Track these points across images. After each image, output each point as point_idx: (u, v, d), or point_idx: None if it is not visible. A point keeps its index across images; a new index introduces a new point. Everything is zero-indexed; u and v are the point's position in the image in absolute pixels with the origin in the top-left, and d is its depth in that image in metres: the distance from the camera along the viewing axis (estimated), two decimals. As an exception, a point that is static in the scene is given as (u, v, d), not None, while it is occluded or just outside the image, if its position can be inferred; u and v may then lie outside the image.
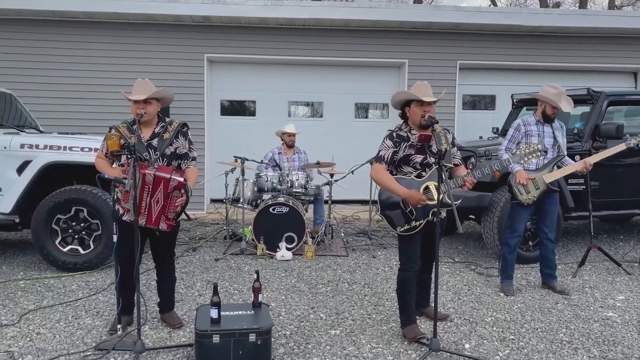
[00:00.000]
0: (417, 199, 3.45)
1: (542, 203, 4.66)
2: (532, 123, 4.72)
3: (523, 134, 4.71)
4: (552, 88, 4.63)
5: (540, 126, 4.69)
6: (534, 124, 4.71)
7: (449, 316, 4.12)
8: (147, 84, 3.61)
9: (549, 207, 4.71)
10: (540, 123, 4.70)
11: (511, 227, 4.76)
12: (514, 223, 4.73)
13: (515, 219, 4.72)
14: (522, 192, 4.59)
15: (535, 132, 4.68)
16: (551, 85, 4.67)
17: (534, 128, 4.69)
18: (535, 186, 4.58)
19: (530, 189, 4.57)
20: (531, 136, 4.67)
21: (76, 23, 8.71)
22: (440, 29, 9.20)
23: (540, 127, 4.69)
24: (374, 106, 10.00)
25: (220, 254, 5.99)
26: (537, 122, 4.71)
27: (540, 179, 4.57)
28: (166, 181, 3.43)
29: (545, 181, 4.56)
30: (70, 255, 5.14)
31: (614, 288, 4.93)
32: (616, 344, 3.66)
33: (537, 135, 4.66)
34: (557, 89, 4.61)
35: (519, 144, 4.66)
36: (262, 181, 6.47)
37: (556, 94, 4.57)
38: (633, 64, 9.67)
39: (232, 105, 9.74)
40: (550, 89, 4.62)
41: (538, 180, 4.57)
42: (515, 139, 4.75)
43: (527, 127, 4.71)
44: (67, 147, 5.13)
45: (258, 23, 8.93)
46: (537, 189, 4.58)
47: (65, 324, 3.88)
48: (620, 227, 7.79)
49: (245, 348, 3.16)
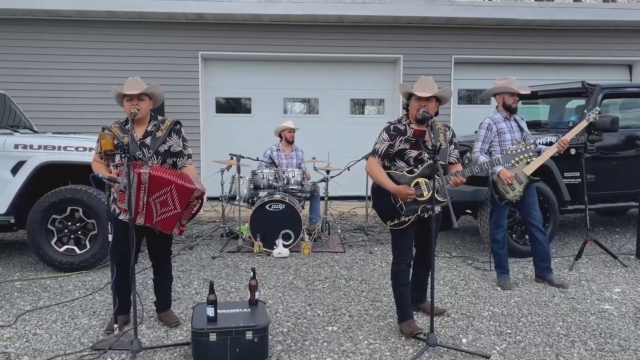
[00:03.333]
0: (405, 193, 3.46)
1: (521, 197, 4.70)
2: (500, 120, 4.72)
3: (495, 133, 4.70)
4: (501, 80, 4.72)
5: (508, 122, 4.72)
6: (502, 120, 4.72)
7: (446, 311, 4.12)
8: (139, 82, 3.60)
9: (528, 199, 4.73)
10: (507, 119, 4.72)
11: (496, 223, 4.78)
12: (499, 219, 4.77)
13: (499, 215, 4.76)
14: (508, 190, 4.62)
15: (507, 129, 4.69)
16: (500, 78, 4.77)
17: (503, 125, 4.70)
18: (519, 181, 4.61)
19: (515, 185, 4.60)
20: (504, 133, 4.68)
21: (69, 22, 8.68)
22: (435, 24, 9.20)
23: (508, 123, 4.71)
24: (370, 102, 10.00)
25: (217, 252, 5.98)
26: (504, 119, 4.72)
27: (521, 173, 4.60)
28: (190, 191, 3.44)
29: (526, 174, 4.59)
30: (66, 255, 5.12)
31: (611, 281, 4.94)
32: (613, 337, 3.66)
33: (509, 132, 4.68)
34: (506, 78, 4.71)
35: (492, 143, 4.70)
36: (258, 178, 6.45)
37: (507, 82, 4.65)
38: (628, 56, 9.70)
39: (228, 102, 9.72)
40: (500, 81, 4.72)
41: (520, 175, 4.60)
42: (488, 139, 4.73)
43: (498, 124, 4.70)
44: (62, 147, 5.11)
45: (252, 20, 8.92)
46: (521, 183, 4.62)
47: (62, 324, 3.87)
48: (617, 219, 7.81)
49: (242, 346, 3.16)
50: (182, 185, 3.42)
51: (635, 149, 6.22)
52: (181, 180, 3.44)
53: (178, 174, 3.51)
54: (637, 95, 6.51)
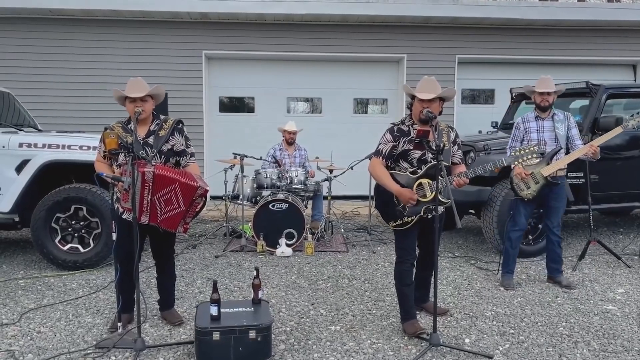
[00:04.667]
0: (407, 197, 3.46)
1: (546, 199, 4.67)
2: (531, 119, 4.73)
3: (523, 131, 4.74)
4: (538, 80, 4.71)
5: (540, 121, 4.69)
6: (532, 120, 4.72)
7: (449, 311, 4.12)
8: (141, 83, 3.61)
9: (554, 202, 4.70)
10: (540, 118, 4.69)
11: (513, 221, 4.76)
12: (516, 217, 4.74)
13: (518, 213, 4.73)
14: (523, 187, 4.60)
15: (534, 128, 4.68)
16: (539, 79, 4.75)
17: (532, 124, 4.70)
18: (535, 180, 4.57)
19: (530, 184, 4.58)
20: (530, 132, 4.68)
21: (74, 21, 8.70)
22: (439, 24, 9.19)
23: (539, 123, 4.68)
24: (373, 101, 9.99)
25: (220, 251, 6.00)
26: (536, 118, 4.71)
27: (538, 173, 4.57)
28: (193, 189, 3.46)
29: (543, 174, 4.56)
30: (70, 254, 5.14)
31: (614, 281, 4.93)
32: (616, 337, 3.66)
33: (537, 131, 4.67)
34: (542, 78, 4.68)
35: (522, 142, 4.72)
36: (262, 178, 6.45)
37: (538, 81, 4.64)
38: (632, 56, 9.66)
39: (231, 101, 9.73)
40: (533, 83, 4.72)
41: (536, 174, 4.57)
42: (517, 137, 4.79)
43: (526, 124, 4.73)
44: (66, 146, 5.13)
45: (256, 19, 8.92)
46: (537, 183, 4.57)
47: (66, 322, 3.89)
48: (620, 220, 7.79)
49: (246, 345, 3.17)
50: (185, 183, 3.43)
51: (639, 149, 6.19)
52: (185, 178, 3.45)
53: (181, 172, 3.52)
54: (642, 95, 6.49)
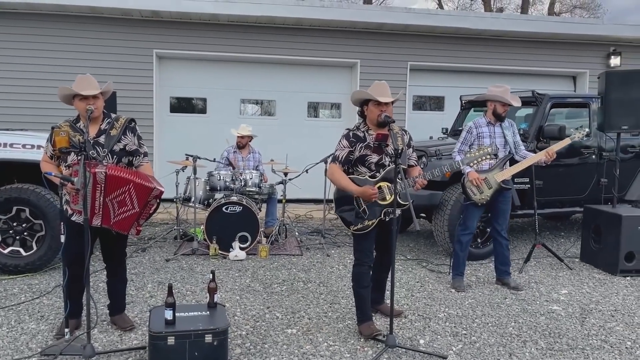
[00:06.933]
0: (369, 194, 3.49)
1: (495, 202, 4.79)
2: (483, 125, 4.84)
3: (475, 136, 4.82)
4: (497, 87, 4.79)
5: (491, 127, 4.82)
6: (484, 125, 4.84)
7: (403, 312, 4.18)
8: (92, 80, 3.49)
9: (502, 205, 4.84)
10: (491, 124, 4.83)
11: (464, 225, 4.86)
12: (467, 221, 4.84)
13: (468, 217, 4.84)
14: (476, 192, 4.71)
15: (487, 134, 4.80)
16: (495, 85, 4.84)
17: (485, 130, 4.82)
18: (488, 186, 4.70)
19: (483, 189, 4.70)
20: (483, 138, 4.79)
21: (16, 15, 8.31)
22: (392, 30, 9.35)
23: (491, 128, 4.82)
24: (327, 105, 10.04)
25: (171, 255, 5.85)
26: (487, 124, 4.83)
27: (492, 178, 4.70)
28: (148, 190, 3.37)
29: (497, 180, 4.69)
30: (11, 257, 4.89)
31: (558, 282, 5.14)
32: (561, 336, 3.81)
33: (489, 137, 4.79)
34: (502, 87, 4.77)
35: (472, 146, 4.79)
36: (215, 180, 6.34)
37: (502, 91, 4.73)
38: (573, 68, 10.15)
39: (183, 102, 9.54)
40: (495, 89, 4.78)
41: (490, 179, 4.70)
42: (468, 141, 4.86)
43: (479, 129, 4.83)
44: (8, 144, 4.89)
45: (209, 19, 8.80)
46: (490, 188, 4.70)
47: (8, 329, 3.69)
48: (561, 224, 8.15)
49: (202, 349, 3.10)
50: (140, 184, 3.33)
51: (579, 156, 6.49)
52: (139, 179, 3.35)
53: (135, 173, 3.42)
54: (581, 105, 6.80)
